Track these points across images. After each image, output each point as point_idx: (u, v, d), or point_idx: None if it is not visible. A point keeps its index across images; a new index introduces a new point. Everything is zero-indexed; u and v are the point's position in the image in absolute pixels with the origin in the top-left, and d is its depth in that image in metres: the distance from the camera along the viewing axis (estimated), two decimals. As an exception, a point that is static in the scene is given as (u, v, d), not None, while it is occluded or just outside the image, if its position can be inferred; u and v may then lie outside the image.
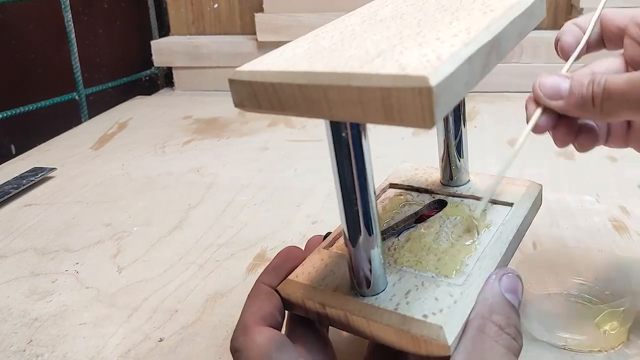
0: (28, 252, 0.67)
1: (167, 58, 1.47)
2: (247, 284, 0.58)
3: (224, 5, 1.48)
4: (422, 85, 0.26)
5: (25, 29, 1.29)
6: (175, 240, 0.68)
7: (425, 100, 0.27)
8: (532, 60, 1.33)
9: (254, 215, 0.74)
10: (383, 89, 0.27)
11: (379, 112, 0.28)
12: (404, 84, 0.27)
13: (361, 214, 0.36)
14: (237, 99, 0.33)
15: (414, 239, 0.43)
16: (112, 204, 0.79)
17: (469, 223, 0.44)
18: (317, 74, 0.30)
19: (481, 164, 0.87)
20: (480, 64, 0.32)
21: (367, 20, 0.39)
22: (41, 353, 0.49)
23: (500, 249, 0.41)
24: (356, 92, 0.28)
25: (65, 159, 0.98)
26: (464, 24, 0.34)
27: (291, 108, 0.31)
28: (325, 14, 1.34)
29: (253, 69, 0.32)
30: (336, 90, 0.29)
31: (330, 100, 0.29)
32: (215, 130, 1.12)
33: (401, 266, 0.40)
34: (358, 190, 0.36)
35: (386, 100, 0.28)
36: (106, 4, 1.47)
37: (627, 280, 0.51)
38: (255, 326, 0.37)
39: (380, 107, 0.28)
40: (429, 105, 0.27)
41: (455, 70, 0.28)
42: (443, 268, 0.39)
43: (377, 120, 0.29)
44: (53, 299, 0.57)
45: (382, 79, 0.27)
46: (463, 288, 0.37)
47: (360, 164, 0.35)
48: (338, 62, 0.31)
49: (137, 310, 0.55)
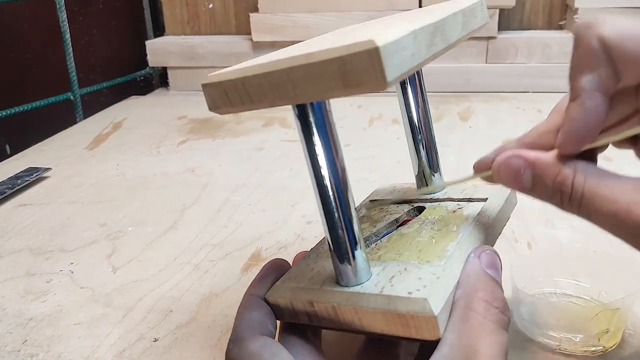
0: (23, 252, 0.67)
1: (162, 58, 1.47)
2: (242, 284, 0.58)
3: (219, 5, 1.48)
4: (371, 47, 0.29)
5: (21, 28, 1.29)
6: (170, 240, 0.68)
7: (376, 61, 0.29)
8: (527, 60, 1.33)
9: (249, 215, 0.74)
10: (339, 59, 0.30)
11: (337, 83, 0.31)
12: (356, 49, 0.30)
13: (336, 196, 0.38)
14: (210, 101, 0.36)
15: (395, 238, 0.44)
16: (107, 204, 0.79)
17: (448, 217, 0.46)
18: (280, 60, 0.32)
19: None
20: (425, 41, 0.35)
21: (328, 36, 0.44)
22: (36, 353, 0.49)
23: (478, 234, 0.43)
24: (317, 67, 0.31)
25: (60, 159, 0.98)
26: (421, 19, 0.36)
27: (260, 99, 0.34)
28: (320, 14, 1.34)
29: (223, 72, 0.35)
30: (297, 69, 0.32)
31: (294, 80, 0.32)
32: (210, 130, 1.12)
33: (384, 261, 0.41)
34: (330, 174, 0.37)
35: (342, 69, 0.30)
36: (101, 4, 1.47)
37: (621, 281, 0.51)
38: (248, 336, 0.37)
39: (338, 77, 0.31)
40: (379, 66, 0.29)
41: (400, 38, 0.31)
42: (425, 256, 0.40)
43: (338, 91, 0.31)
44: (48, 299, 0.57)
45: (336, 51, 0.30)
46: (445, 266, 0.38)
47: (329, 145, 0.37)
48: (299, 50, 0.34)
49: (132, 310, 0.55)
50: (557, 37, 1.32)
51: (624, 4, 1.27)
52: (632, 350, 0.46)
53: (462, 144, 0.97)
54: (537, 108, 1.18)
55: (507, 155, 0.38)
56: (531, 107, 1.19)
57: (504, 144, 0.42)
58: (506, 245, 0.63)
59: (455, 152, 0.94)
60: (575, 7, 1.29)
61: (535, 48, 1.32)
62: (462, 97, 1.30)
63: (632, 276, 0.50)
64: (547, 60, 1.32)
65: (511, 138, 0.43)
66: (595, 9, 1.28)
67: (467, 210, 0.47)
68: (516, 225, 0.67)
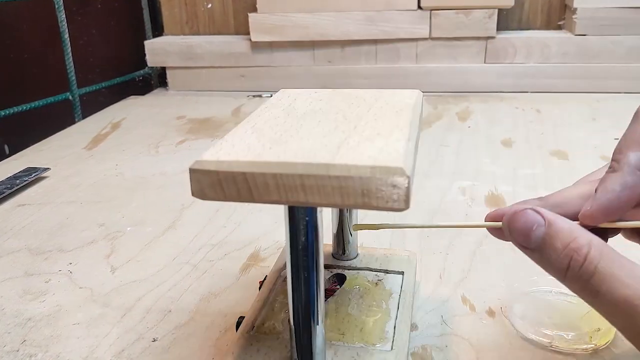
0: (22, 252, 0.67)
1: (160, 58, 1.47)
2: (241, 284, 0.58)
3: (217, 6, 1.48)
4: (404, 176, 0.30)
5: (19, 28, 1.29)
6: (168, 240, 0.68)
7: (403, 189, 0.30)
8: (525, 60, 1.33)
9: (247, 216, 0.74)
10: (363, 178, 0.30)
11: (357, 198, 0.31)
12: (384, 174, 0.30)
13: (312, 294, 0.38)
14: (196, 187, 0.33)
15: (330, 314, 0.46)
16: (106, 204, 0.79)
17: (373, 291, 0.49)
18: (294, 164, 0.31)
19: (475, 164, 0.87)
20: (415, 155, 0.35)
21: (290, 114, 0.41)
22: (34, 353, 0.49)
23: (408, 312, 0.46)
24: (335, 181, 0.30)
25: (59, 159, 0.98)
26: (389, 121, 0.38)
27: (261, 196, 0.32)
28: (318, 14, 1.34)
29: (219, 159, 0.33)
30: (314, 178, 0.31)
31: (307, 187, 0.31)
32: (209, 130, 1.12)
33: (330, 341, 0.42)
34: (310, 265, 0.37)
35: (365, 187, 0.30)
36: (100, 4, 1.47)
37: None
38: None
39: (359, 194, 0.30)
40: (405, 191, 0.30)
41: (412, 161, 0.33)
42: (368, 338, 0.43)
43: (355, 205, 0.31)
44: (47, 299, 0.57)
45: (361, 169, 0.30)
46: (394, 353, 0.41)
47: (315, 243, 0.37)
48: (306, 152, 0.33)
49: (130, 310, 0.55)
50: (555, 37, 1.32)
51: (623, 4, 1.27)
52: (623, 348, 0.46)
53: (460, 144, 0.98)
54: (536, 108, 1.18)
55: (525, 207, 0.37)
56: (530, 107, 1.19)
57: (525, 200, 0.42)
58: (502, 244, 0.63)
59: (453, 152, 0.94)
60: (574, 7, 1.29)
61: (534, 48, 1.33)
62: (461, 97, 1.30)
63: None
64: (545, 60, 1.33)
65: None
66: (594, 9, 1.28)
67: (388, 284, 0.50)
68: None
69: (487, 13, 1.30)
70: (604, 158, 0.88)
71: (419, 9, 1.32)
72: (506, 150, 0.93)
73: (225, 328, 0.51)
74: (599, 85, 1.32)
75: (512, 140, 0.98)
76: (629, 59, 1.30)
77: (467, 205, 0.74)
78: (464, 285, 0.56)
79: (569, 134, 1.01)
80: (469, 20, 1.31)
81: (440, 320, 0.51)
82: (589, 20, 1.29)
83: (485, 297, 0.54)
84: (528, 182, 0.80)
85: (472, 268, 0.59)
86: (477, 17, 1.31)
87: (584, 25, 1.30)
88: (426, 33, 1.34)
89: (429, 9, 1.32)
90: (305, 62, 1.41)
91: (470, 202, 0.75)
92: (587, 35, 1.30)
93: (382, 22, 1.34)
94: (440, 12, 1.32)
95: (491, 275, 0.58)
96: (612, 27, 1.29)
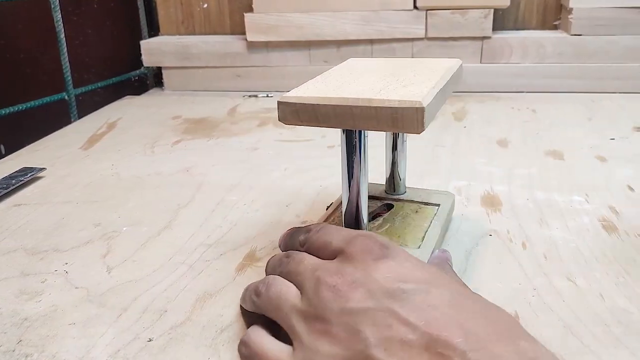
0: (17, 252, 0.67)
1: (156, 58, 1.47)
2: (237, 284, 0.58)
3: (213, 5, 1.48)
4: (418, 106, 0.45)
5: (15, 28, 1.29)
6: (164, 240, 0.68)
7: (419, 115, 0.45)
8: (521, 60, 1.34)
9: (243, 215, 0.74)
10: (393, 109, 0.45)
11: (387, 123, 0.46)
12: (407, 105, 0.45)
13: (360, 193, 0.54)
14: (282, 114, 0.49)
15: (379, 224, 0.61)
16: (102, 203, 0.79)
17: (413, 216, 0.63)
18: (346, 98, 0.47)
19: (470, 164, 0.87)
20: (439, 99, 0.50)
21: (352, 72, 0.59)
22: (30, 353, 0.49)
23: (437, 229, 0.60)
24: (375, 110, 0.46)
25: (55, 159, 0.97)
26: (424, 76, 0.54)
27: (324, 121, 0.48)
28: (314, 13, 1.35)
29: (297, 95, 0.49)
30: (359, 109, 0.46)
31: (355, 115, 0.47)
32: (205, 130, 1.12)
33: None
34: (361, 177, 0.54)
35: (393, 115, 0.46)
36: (96, 4, 1.47)
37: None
38: None
39: (389, 120, 0.46)
40: (421, 119, 0.45)
41: (433, 100, 0.47)
42: (403, 241, 0.58)
43: (385, 128, 0.46)
44: (43, 299, 0.57)
45: (392, 102, 0.46)
46: (420, 250, 0.56)
47: (363, 160, 0.53)
48: (357, 91, 0.49)
49: (126, 310, 0.55)
50: (551, 37, 1.32)
51: (618, 4, 1.27)
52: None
53: (456, 144, 0.98)
54: (532, 108, 1.18)
55: None
56: (525, 107, 1.19)
57: None
58: (501, 245, 0.63)
59: (449, 152, 0.94)
60: (569, 7, 1.30)
61: (530, 48, 1.33)
62: (457, 97, 1.30)
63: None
64: (541, 60, 1.33)
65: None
66: (590, 9, 1.28)
67: (426, 212, 0.64)
68: (511, 225, 0.68)
69: (483, 13, 1.30)
70: (599, 158, 0.88)
71: (415, 8, 1.33)
72: (502, 150, 0.93)
73: (222, 328, 0.51)
74: (594, 85, 1.32)
75: (508, 140, 0.98)
76: (624, 59, 1.31)
77: (462, 205, 0.74)
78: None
79: (565, 134, 1.01)
80: (464, 20, 1.31)
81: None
82: (584, 20, 1.29)
83: (481, 296, 0.55)
84: (524, 182, 0.80)
85: (468, 268, 0.59)
86: (473, 17, 1.31)
87: (579, 25, 1.30)
88: (422, 33, 1.34)
89: (424, 9, 1.32)
90: (301, 62, 1.41)
91: (466, 202, 0.75)
92: (582, 35, 1.30)
93: (378, 22, 1.34)
94: (436, 12, 1.32)
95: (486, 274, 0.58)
96: (608, 27, 1.29)
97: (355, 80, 0.53)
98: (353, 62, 0.66)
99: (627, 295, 0.54)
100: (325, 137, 1.03)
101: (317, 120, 0.48)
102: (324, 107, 0.47)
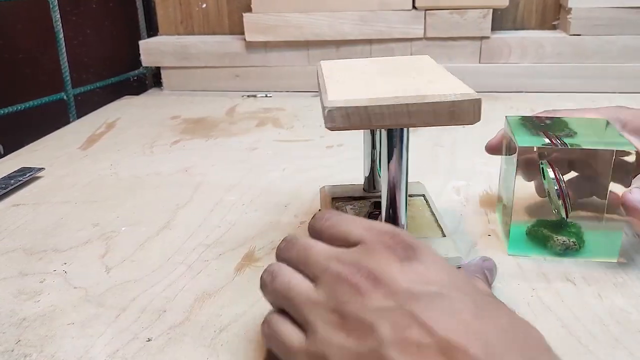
0: (16, 252, 0.67)
1: (155, 58, 1.47)
2: (236, 284, 0.58)
3: (212, 5, 1.48)
4: (475, 98, 0.47)
5: (14, 28, 1.29)
6: (163, 240, 0.68)
7: (477, 106, 0.47)
8: (519, 60, 1.34)
9: (242, 215, 0.74)
10: (451, 102, 0.47)
11: (445, 117, 0.47)
12: (465, 97, 0.47)
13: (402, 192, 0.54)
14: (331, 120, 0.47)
15: None
16: (101, 203, 0.79)
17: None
18: (400, 97, 0.47)
19: (469, 164, 0.87)
20: None
21: (354, 74, 0.58)
22: (29, 353, 0.49)
23: (442, 216, 0.63)
24: (431, 106, 0.47)
25: (54, 159, 0.97)
26: (432, 74, 0.57)
27: (378, 121, 0.47)
28: (313, 14, 1.35)
29: (346, 98, 0.47)
30: (416, 106, 0.47)
31: (412, 113, 0.47)
32: (204, 130, 1.12)
33: None
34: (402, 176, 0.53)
35: (451, 109, 0.47)
36: (95, 4, 1.47)
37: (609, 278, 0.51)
38: None
39: (447, 114, 0.47)
40: (478, 109, 0.47)
41: None
42: (424, 233, 0.60)
43: (442, 123, 0.48)
44: (41, 299, 0.57)
45: (449, 96, 0.47)
46: (446, 240, 0.58)
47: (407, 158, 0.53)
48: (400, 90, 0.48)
49: (125, 310, 0.55)
50: (550, 37, 1.33)
51: (617, 4, 1.28)
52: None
53: (454, 144, 0.98)
54: (531, 108, 1.18)
55: None
56: (524, 107, 1.19)
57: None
58: (499, 246, 0.63)
59: (448, 151, 0.94)
60: (568, 7, 1.30)
61: (529, 48, 1.33)
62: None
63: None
64: (540, 60, 1.33)
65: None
66: (589, 9, 1.28)
67: (417, 204, 0.66)
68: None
69: (482, 13, 1.30)
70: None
71: (414, 8, 1.33)
72: (501, 150, 0.93)
73: (220, 328, 0.51)
74: (593, 85, 1.32)
75: (507, 140, 0.98)
76: (623, 58, 1.31)
77: (461, 205, 0.74)
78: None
79: (563, 133, 1.01)
80: (463, 20, 1.31)
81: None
82: (583, 20, 1.29)
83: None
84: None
85: (467, 267, 0.59)
86: (471, 17, 1.31)
87: (578, 25, 1.30)
88: (421, 33, 1.34)
89: (423, 9, 1.32)
90: (299, 62, 1.41)
91: (464, 202, 0.75)
92: (581, 35, 1.31)
93: (376, 22, 1.34)
94: (435, 12, 1.32)
95: (485, 274, 0.58)
96: (607, 27, 1.29)
97: (374, 81, 0.54)
98: (334, 65, 0.64)
99: (626, 295, 0.54)
100: (323, 138, 1.03)
101: (369, 122, 0.47)
102: (378, 107, 0.46)
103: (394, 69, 0.58)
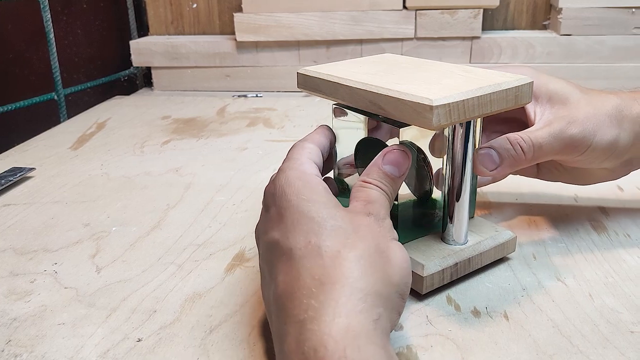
0: (7, 252, 0.66)
1: (146, 58, 1.46)
2: (226, 284, 0.58)
3: (202, 5, 1.48)
4: (530, 81, 0.52)
5: (4, 28, 1.28)
6: (153, 240, 0.68)
7: (530, 89, 0.53)
8: (510, 60, 1.34)
9: (232, 215, 0.74)
10: (517, 87, 0.51)
11: (512, 102, 0.52)
12: (524, 82, 0.52)
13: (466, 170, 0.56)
14: (437, 119, 0.47)
15: None
16: (91, 203, 0.79)
17: None
18: (484, 87, 0.50)
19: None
20: None
21: (380, 71, 0.57)
22: (20, 353, 0.49)
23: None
24: (506, 92, 0.51)
25: (44, 159, 0.97)
26: (441, 69, 0.58)
27: (470, 114, 0.49)
28: (303, 14, 1.35)
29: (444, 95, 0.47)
30: (496, 94, 0.50)
31: (493, 101, 0.50)
32: (194, 130, 1.12)
33: None
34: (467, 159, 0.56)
35: (516, 93, 0.52)
36: (85, 4, 1.47)
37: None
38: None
39: (513, 98, 0.51)
40: (531, 91, 0.53)
41: None
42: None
43: (510, 106, 0.52)
44: (32, 299, 0.57)
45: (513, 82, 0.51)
46: None
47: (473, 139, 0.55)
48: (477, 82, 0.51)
49: (115, 310, 0.55)
50: (540, 37, 1.33)
51: (608, 4, 1.28)
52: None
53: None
54: (521, 108, 1.18)
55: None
56: (514, 107, 1.20)
57: None
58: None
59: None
60: (559, 7, 1.30)
61: (519, 48, 1.33)
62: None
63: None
64: (530, 60, 1.33)
65: None
66: (579, 9, 1.29)
67: None
68: (501, 226, 0.68)
69: (473, 13, 1.31)
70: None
71: (404, 8, 1.33)
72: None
73: (210, 328, 0.51)
74: (583, 85, 1.31)
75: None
76: (613, 59, 1.31)
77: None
78: (449, 284, 0.56)
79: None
80: (454, 20, 1.31)
81: (426, 320, 0.52)
82: (574, 20, 1.30)
83: (470, 296, 0.55)
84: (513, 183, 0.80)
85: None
86: (462, 17, 1.31)
87: (569, 25, 1.31)
88: (411, 33, 1.34)
89: (414, 9, 1.32)
90: (290, 62, 1.41)
91: (455, 202, 0.75)
92: (572, 35, 1.31)
93: (367, 21, 1.34)
94: (426, 12, 1.32)
95: (476, 274, 0.58)
96: (597, 27, 1.30)
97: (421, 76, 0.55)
98: (354, 62, 0.62)
99: (616, 295, 0.54)
100: (315, 137, 1.03)
101: (464, 115, 0.48)
102: (471, 100, 0.49)
103: (396, 69, 0.58)
